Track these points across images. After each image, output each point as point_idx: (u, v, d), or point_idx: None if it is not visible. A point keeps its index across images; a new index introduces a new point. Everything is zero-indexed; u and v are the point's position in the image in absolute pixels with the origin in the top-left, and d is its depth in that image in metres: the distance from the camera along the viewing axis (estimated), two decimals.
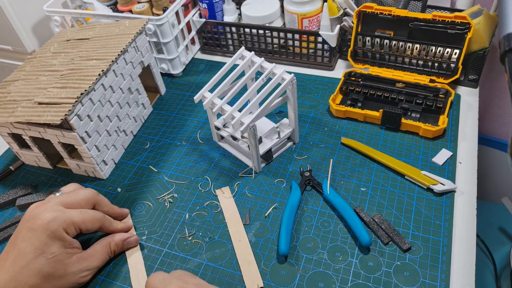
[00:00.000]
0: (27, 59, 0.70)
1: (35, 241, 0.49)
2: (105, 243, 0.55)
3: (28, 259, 0.48)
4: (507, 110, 0.99)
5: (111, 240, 0.56)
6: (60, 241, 0.50)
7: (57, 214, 0.50)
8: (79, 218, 0.52)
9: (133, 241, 0.58)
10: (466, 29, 0.69)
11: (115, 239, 0.56)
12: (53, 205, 0.52)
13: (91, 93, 0.62)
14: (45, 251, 0.49)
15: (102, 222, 0.55)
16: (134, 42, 0.71)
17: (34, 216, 0.50)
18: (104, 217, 0.56)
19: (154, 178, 0.68)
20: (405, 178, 0.63)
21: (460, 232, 0.56)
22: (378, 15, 0.74)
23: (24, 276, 0.48)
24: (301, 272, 0.53)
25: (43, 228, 0.49)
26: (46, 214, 0.50)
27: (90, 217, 0.53)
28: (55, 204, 0.52)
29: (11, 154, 0.76)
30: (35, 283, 0.48)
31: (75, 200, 0.54)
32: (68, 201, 0.53)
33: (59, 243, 0.50)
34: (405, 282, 0.51)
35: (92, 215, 0.54)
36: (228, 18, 0.90)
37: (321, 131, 0.72)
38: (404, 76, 0.75)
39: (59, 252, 0.50)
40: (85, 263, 0.52)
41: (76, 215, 0.52)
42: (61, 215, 0.51)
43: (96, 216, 0.54)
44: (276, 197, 0.62)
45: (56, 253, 0.50)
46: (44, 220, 0.49)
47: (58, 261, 0.50)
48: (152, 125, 0.78)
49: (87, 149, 0.63)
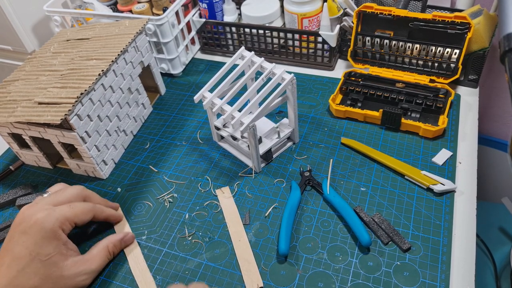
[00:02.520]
0: (27, 59, 0.70)
1: (29, 244, 0.48)
2: (102, 247, 0.55)
3: (24, 263, 0.48)
4: (507, 110, 0.99)
5: (108, 242, 0.56)
6: (55, 241, 0.50)
7: (49, 213, 0.50)
8: (71, 213, 0.52)
9: (130, 238, 0.58)
10: (466, 29, 0.69)
11: (112, 240, 0.56)
12: (43, 205, 0.52)
13: (91, 93, 0.62)
14: (39, 253, 0.48)
15: (93, 211, 0.55)
16: (134, 42, 0.71)
17: (26, 219, 0.49)
18: (94, 206, 0.56)
19: (154, 178, 0.68)
20: (405, 178, 0.63)
21: (460, 232, 0.56)
22: (378, 15, 0.74)
23: (20, 280, 0.47)
24: (301, 272, 0.53)
25: (37, 229, 0.49)
26: (39, 215, 0.50)
27: (81, 209, 0.54)
28: (45, 204, 0.52)
29: (11, 154, 0.76)
30: (32, 286, 0.48)
31: (64, 197, 0.54)
32: (57, 200, 0.53)
33: (54, 243, 0.49)
34: (405, 282, 0.51)
35: (82, 206, 0.54)
36: (228, 18, 0.90)
37: (321, 131, 0.72)
38: (404, 76, 0.75)
39: (54, 253, 0.49)
40: (83, 267, 0.52)
41: (67, 210, 0.52)
42: (53, 213, 0.50)
43: (86, 207, 0.55)
44: (276, 197, 0.62)
45: (51, 254, 0.49)
46: (38, 221, 0.49)
47: (53, 263, 0.49)
48: (152, 125, 0.78)
49: (87, 149, 0.63)
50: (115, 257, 0.57)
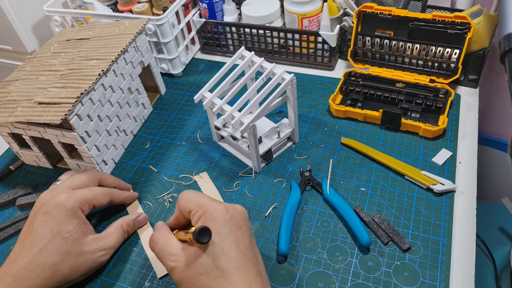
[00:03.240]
0: (27, 59, 0.70)
1: (51, 222, 0.50)
2: (117, 225, 0.57)
3: (46, 240, 0.49)
4: (507, 110, 0.99)
5: (122, 222, 0.58)
6: (75, 219, 0.52)
7: (69, 194, 0.53)
8: (90, 195, 0.55)
9: (143, 219, 0.60)
10: (466, 29, 0.69)
11: (126, 220, 0.58)
12: (62, 188, 0.54)
13: (91, 93, 0.62)
14: (61, 230, 0.50)
15: (111, 194, 0.58)
16: (134, 42, 0.71)
17: (47, 201, 0.52)
18: (111, 190, 0.59)
19: (154, 178, 0.68)
20: (405, 178, 0.63)
21: (460, 232, 0.56)
22: (378, 15, 0.74)
23: (43, 257, 0.49)
24: (301, 272, 0.53)
25: (59, 208, 0.51)
26: (60, 196, 0.52)
27: (100, 192, 0.56)
28: (64, 187, 0.54)
29: (11, 154, 0.76)
30: (54, 263, 0.49)
31: (80, 181, 0.56)
32: (74, 183, 0.56)
33: (75, 222, 0.52)
34: (405, 282, 0.51)
35: (101, 190, 0.57)
36: (228, 18, 0.90)
37: (321, 131, 0.72)
38: (404, 76, 0.75)
39: (75, 230, 0.51)
40: (101, 243, 0.54)
41: (86, 192, 0.55)
42: (74, 194, 0.53)
43: (104, 190, 0.58)
44: (276, 197, 0.62)
45: (72, 231, 0.51)
46: (59, 202, 0.51)
47: (74, 240, 0.51)
48: (152, 125, 0.78)
49: (87, 149, 0.63)
50: (129, 236, 0.59)
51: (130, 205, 0.63)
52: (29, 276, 0.48)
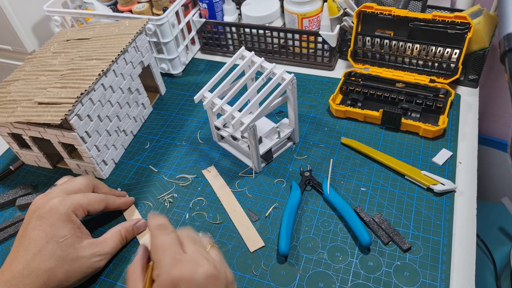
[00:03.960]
0: (27, 59, 0.70)
1: (45, 227, 0.50)
2: (115, 231, 0.57)
3: (40, 245, 0.49)
4: (507, 110, 0.99)
5: (121, 227, 0.57)
6: (70, 224, 0.51)
7: (63, 198, 0.52)
8: (84, 200, 0.54)
9: (142, 225, 0.60)
10: (466, 29, 0.69)
11: (125, 226, 0.58)
12: (57, 193, 0.53)
13: (91, 93, 0.62)
14: (56, 235, 0.50)
15: (106, 201, 0.58)
16: (134, 42, 0.71)
17: (41, 206, 0.51)
18: (106, 196, 0.58)
19: (154, 178, 0.68)
20: (405, 178, 0.63)
21: (460, 232, 0.56)
22: (378, 15, 0.74)
23: (37, 262, 0.48)
24: (301, 272, 0.53)
25: (53, 213, 0.50)
26: (53, 201, 0.52)
27: (94, 198, 0.56)
28: (58, 192, 0.54)
29: (11, 154, 0.76)
30: (48, 268, 0.48)
31: (75, 186, 0.56)
32: (69, 188, 0.55)
33: (69, 226, 0.51)
34: (405, 282, 0.51)
35: (95, 196, 0.56)
36: (228, 18, 0.90)
37: (321, 131, 0.72)
38: (404, 76, 0.75)
39: (70, 235, 0.51)
40: (97, 248, 0.53)
41: (81, 198, 0.54)
42: (67, 199, 0.53)
43: (99, 196, 0.57)
44: (276, 197, 0.62)
45: (67, 236, 0.50)
46: (53, 206, 0.51)
47: (69, 245, 0.50)
48: (152, 125, 0.78)
49: (87, 149, 0.63)
50: (128, 243, 0.58)
51: (127, 210, 0.63)
52: (23, 282, 0.47)
